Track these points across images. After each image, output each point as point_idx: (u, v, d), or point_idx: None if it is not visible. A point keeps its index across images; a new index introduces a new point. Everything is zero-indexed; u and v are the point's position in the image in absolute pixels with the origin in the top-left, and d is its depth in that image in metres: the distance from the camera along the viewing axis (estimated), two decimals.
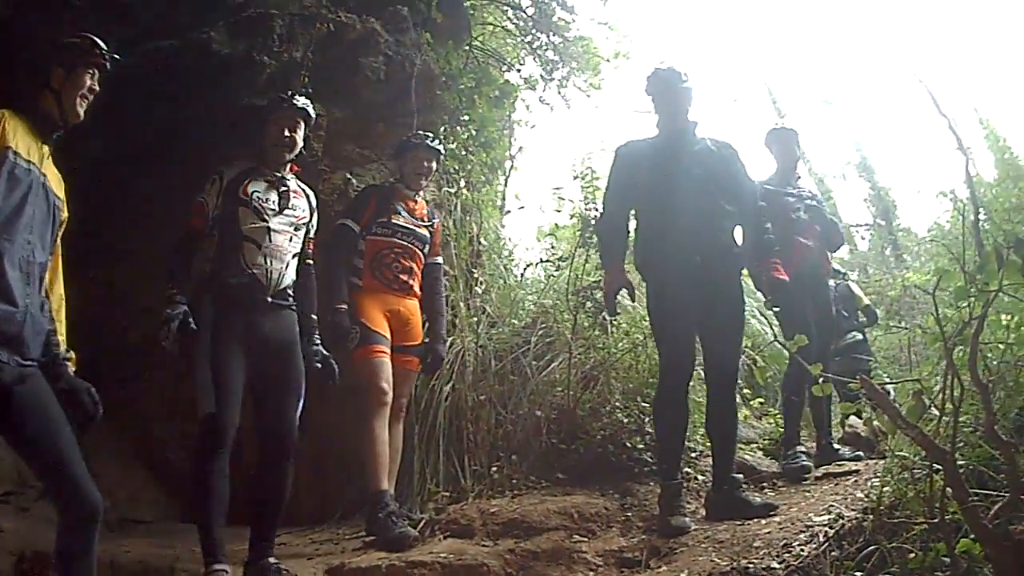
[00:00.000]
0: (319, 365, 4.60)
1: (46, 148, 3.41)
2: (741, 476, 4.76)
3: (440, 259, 5.69)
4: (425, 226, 5.52)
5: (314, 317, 4.75)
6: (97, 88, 3.52)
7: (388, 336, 5.15)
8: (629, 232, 5.06)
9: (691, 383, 4.87)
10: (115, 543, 4.83)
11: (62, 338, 3.54)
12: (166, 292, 4.34)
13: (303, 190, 4.82)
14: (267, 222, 4.48)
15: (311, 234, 4.82)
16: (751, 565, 3.55)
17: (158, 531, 5.76)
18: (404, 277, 5.33)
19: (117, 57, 3.60)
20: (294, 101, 4.73)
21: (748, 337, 6.01)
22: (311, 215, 4.81)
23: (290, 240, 4.59)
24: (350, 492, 5.74)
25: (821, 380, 3.25)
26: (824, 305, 6.04)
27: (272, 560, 4.25)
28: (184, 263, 4.51)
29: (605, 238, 5.13)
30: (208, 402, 4.26)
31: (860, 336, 8.87)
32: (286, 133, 4.64)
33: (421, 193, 5.62)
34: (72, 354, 3.55)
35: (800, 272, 5.39)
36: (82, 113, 3.48)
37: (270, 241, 4.47)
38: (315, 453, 5.49)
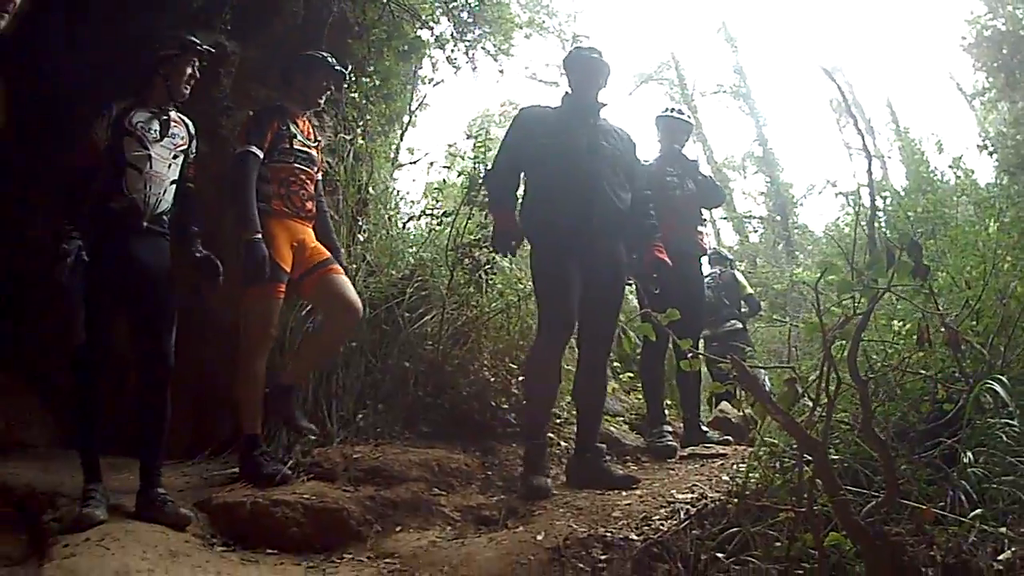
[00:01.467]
0: (198, 256, 4.63)
1: None
2: (604, 446, 4.86)
3: (320, 178, 5.63)
4: (314, 146, 5.50)
5: (197, 229, 4.75)
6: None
7: (289, 271, 5.09)
8: (517, 189, 5.14)
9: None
10: (6, 466, 4.85)
11: None
12: (62, 227, 4.34)
13: (182, 120, 4.85)
14: (148, 149, 4.54)
15: (190, 159, 4.83)
16: (609, 534, 3.65)
17: (47, 455, 5.69)
18: (309, 204, 5.30)
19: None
20: (196, 42, 4.78)
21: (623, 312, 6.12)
22: (190, 142, 4.84)
23: (168, 167, 4.64)
24: (223, 429, 5.73)
25: (690, 356, 3.32)
26: (694, 282, 6.23)
27: (160, 490, 4.29)
28: (78, 199, 4.51)
29: (494, 191, 5.22)
30: (79, 332, 4.32)
31: (740, 325, 9.17)
32: (189, 72, 4.71)
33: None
34: None
35: (670, 250, 5.40)
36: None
37: (151, 167, 4.52)
38: (191, 387, 5.38)
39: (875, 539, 2.56)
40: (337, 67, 5.50)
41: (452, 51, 8.68)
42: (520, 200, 5.17)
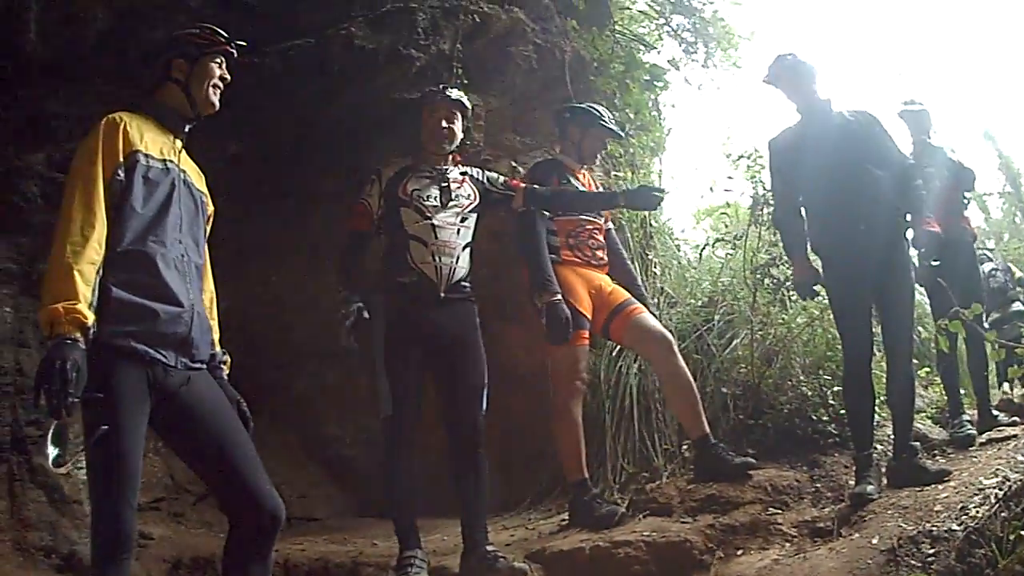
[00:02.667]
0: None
1: (179, 143, 3.36)
2: (918, 444, 4.92)
3: (612, 224, 5.70)
4: None
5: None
6: (228, 77, 3.44)
7: (590, 316, 5.13)
8: (803, 219, 5.16)
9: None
10: (287, 542, 5.01)
11: (216, 338, 3.46)
12: (339, 294, 4.44)
13: (468, 174, 4.86)
14: (431, 219, 4.54)
15: (495, 183, 4.92)
16: (934, 528, 3.75)
17: (332, 527, 5.94)
18: (600, 253, 5.34)
19: (243, 44, 3.49)
20: (447, 92, 4.80)
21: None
22: (478, 198, 4.80)
23: (458, 233, 4.62)
24: (540, 478, 5.92)
25: (998, 346, 3.39)
26: (971, 269, 6.27)
27: (490, 547, 4.34)
28: (353, 264, 4.63)
29: (782, 231, 5.35)
30: (386, 405, 4.42)
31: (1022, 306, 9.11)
32: (443, 124, 4.71)
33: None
34: (228, 358, 3.52)
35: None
36: (216, 103, 3.41)
37: (436, 238, 4.51)
38: (502, 438, 5.40)
39: None
40: (613, 127, 5.57)
41: (686, 72, 8.77)
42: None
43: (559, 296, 4.92)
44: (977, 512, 3.78)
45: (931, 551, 3.65)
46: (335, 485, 6.85)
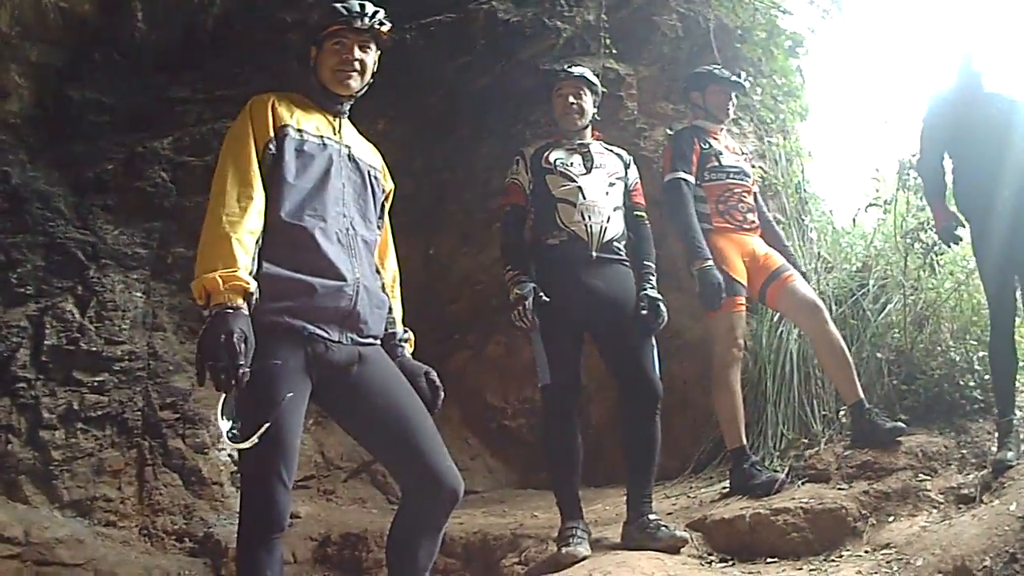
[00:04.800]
0: (644, 311, 4.57)
1: (341, 121, 3.36)
2: None
3: (758, 189, 5.81)
4: (743, 158, 5.69)
5: (650, 264, 4.80)
6: (365, 57, 3.33)
7: (746, 283, 5.25)
8: (945, 172, 5.33)
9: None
10: None
11: (398, 316, 3.46)
12: (508, 274, 4.54)
13: (611, 150, 4.94)
14: (576, 181, 4.63)
15: (631, 187, 4.91)
16: None
17: (491, 500, 6.07)
18: (751, 216, 5.46)
19: (384, 24, 3.38)
20: (570, 70, 4.91)
21: None
22: (625, 169, 4.90)
23: (606, 194, 4.69)
24: (700, 446, 6.13)
25: None
26: None
27: (652, 516, 4.41)
28: (515, 241, 4.72)
29: (924, 180, 5.49)
30: (543, 373, 4.48)
31: None
32: (571, 100, 4.78)
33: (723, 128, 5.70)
34: (410, 335, 3.50)
35: None
36: (349, 84, 3.31)
37: (584, 198, 4.59)
38: (666, 406, 5.22)
39: None
40: (729, 76, 5.63)
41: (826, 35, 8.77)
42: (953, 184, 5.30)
43: (710, 261, 5.04)
44: None
45: None
46: (496, 457, 6.98)
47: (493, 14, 6.34)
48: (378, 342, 3.24)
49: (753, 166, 6.08)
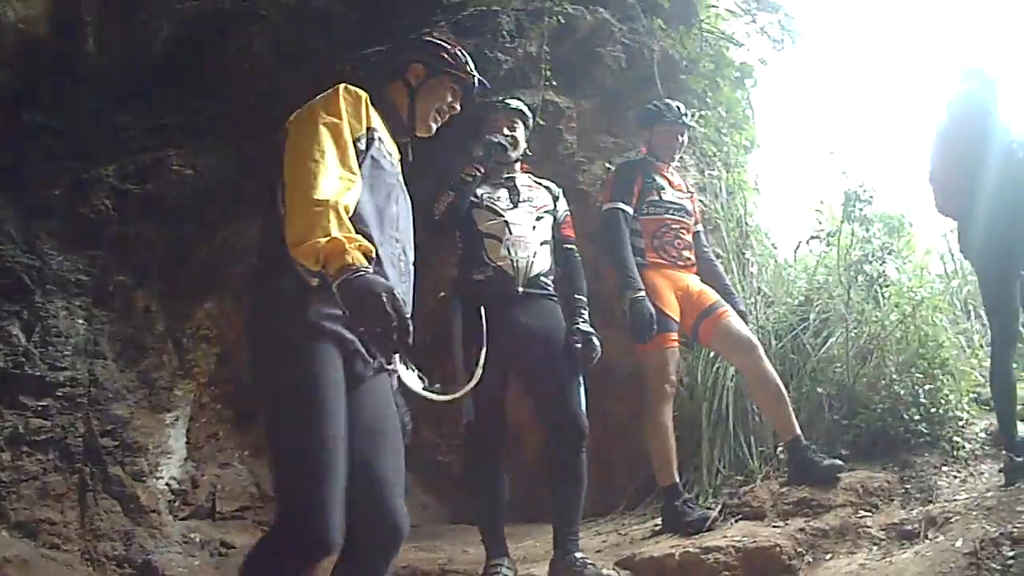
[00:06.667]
0: (578, 345, 4.51)
1: (400, 147, 3.12)
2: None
3: (701, 227, 5.71)
4: (687, 196, 5.56)
5: (581, 298, 4.72)
6: (457, 109, 3.25)
7: (679, 319, 5.14)
8: None
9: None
10: None
11: None
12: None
13: (539, 183, 4.88)
14: (503, 216, 4.57)
15: (560, 220, 4.85)
16: (1015, 530, 3.73)
17: (423, 534, 5.82)
18: (687, 253, 5.37)
19: (485, 84, 3.35)
20: (506, 102, 4.85)
21: None
22: (554, 202, 4.85)
23: (533, 228, 4.63)
24: (635, 482, 5.97)
25: None
26: None
27: (579, 555, 4.33)
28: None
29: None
30: (468, 410, 4.39)
31: None
32: (505, 132, 4.70)
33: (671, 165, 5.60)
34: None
35: None
36: (433, 128, 3.20)
37: (510, 233, 4.52)
38: (597, 443, 5.30)
39: None
40: (678, 118, 5.50)
41: (777, 67, 8.67)
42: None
43: (642, 293, 4.95)
44: None
45: (1010, 553, 3.65)
46: (430, 492, 6.91)
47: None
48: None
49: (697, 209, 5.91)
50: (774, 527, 4.60)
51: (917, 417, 5.29)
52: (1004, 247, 4.78)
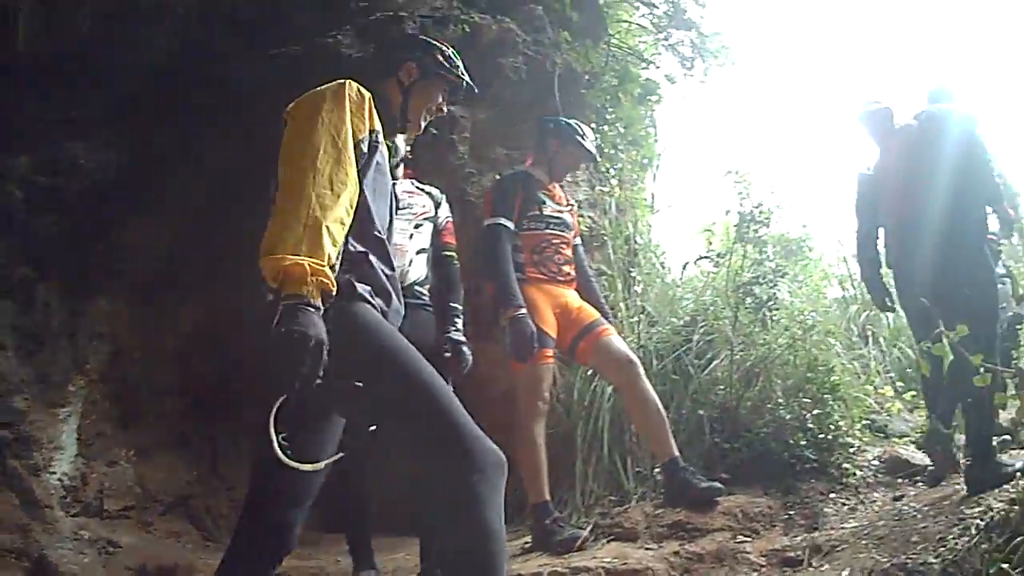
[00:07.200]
0: (447, 355, 4.48)
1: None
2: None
3: (580, 240, 5.60)
4: (567, 210, 5.45)
5: (456, 307, 4.71)
6: (444, 111, 3.22)
7: (556, 335, 5.02)
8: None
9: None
10: None
11: None
12: None
13: (422, 189, 4.87)
14: None
15: (441, 227, 4.85)
16: (909, 561, 3.57)
17: (302, 540, 5.78)
18: (566, 268, 5.25)
19: (474, 88, 3.31)
20: None
21: None
22: (436, 208, 4.85)
23: (410, 237, 4.60)
24: (511, 499, 5.77)
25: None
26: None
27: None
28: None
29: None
30: None
31: None
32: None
33: None
34: None
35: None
36: (422, 128, 3.14)
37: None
38: None
39: None
40: (591, 150, 5.45)
41: (683, 88, 8.66)
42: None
43: (523, 311, 4.83)
44: (957, 544, 3.55)
45: None
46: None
47: (337, 49, 5.99)
48: None
49: (582, 216, 5.89)
50: (647, 549, 4.44)
51: (803, 442, 5.14)
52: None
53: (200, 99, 5.50)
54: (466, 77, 3.21)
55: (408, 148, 4.42)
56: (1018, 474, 4.12)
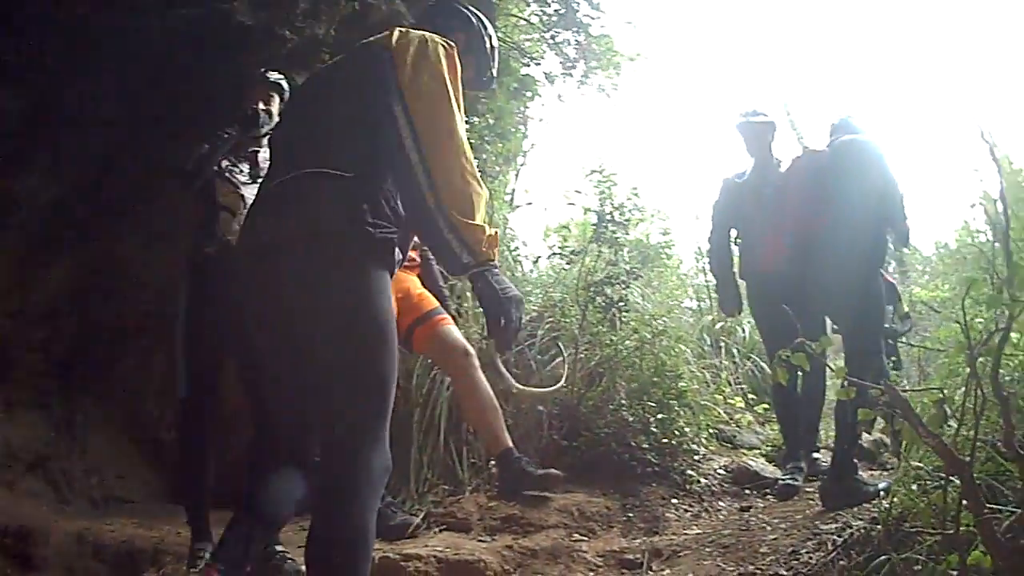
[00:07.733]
0: None
1: None
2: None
3: None
4: None
5: None
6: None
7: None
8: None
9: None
10: (100, 521, 4.84)
11: None
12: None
13: None
14: (239, 190, 4.39)
15: None
16: (758, 571, 3.52)
17: (144, 511, 5.66)
18: (412, 253, 5.05)
19: (494, 83, 3.46)
20: (266, 74, 4.72)
21: None
22: None
23: None
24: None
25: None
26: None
27: (279, 547, 4.19)
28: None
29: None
30: (183, 385, 4.26)
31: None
32: (260, 106, 4.57)
33: None
34: None
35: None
36: None
37: (245, 207, 4.18)
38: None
39: (1014, 554, 2.39)
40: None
41: (562, 87, 8.73)
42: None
43: None
44: (811, 558, 3.53)
45: None
46: (152, 468, 6.50)
47: (230, 15, 5.89)
48: None
49: None
50: (480, 541, 4.37)
51: (646, 445, 5.12)
52: None
53: (105, 49, 5.30)
54: (495, 67, 3.26)
55: (267, 120, 4.56)
56: (881, 494, 4.10)
